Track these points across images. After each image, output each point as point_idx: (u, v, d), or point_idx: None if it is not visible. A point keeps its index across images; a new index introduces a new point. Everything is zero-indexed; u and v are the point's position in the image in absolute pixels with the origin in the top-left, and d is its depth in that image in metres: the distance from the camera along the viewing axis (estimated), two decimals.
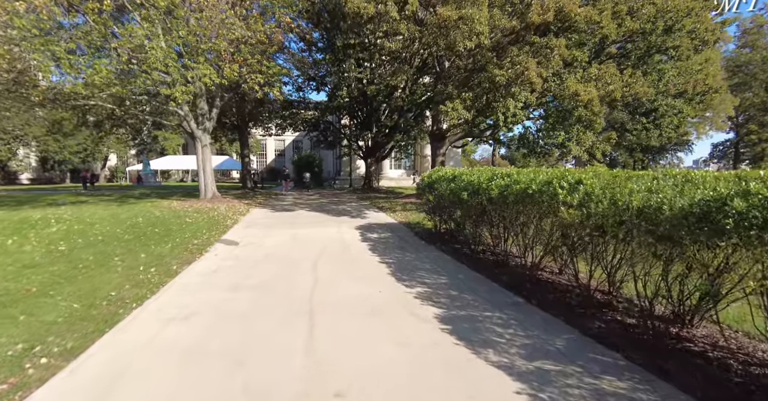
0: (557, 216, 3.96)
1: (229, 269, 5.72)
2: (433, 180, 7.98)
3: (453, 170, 7.49)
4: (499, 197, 5.04)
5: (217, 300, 4.41)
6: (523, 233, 5.26)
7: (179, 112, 13.32)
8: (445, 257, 6.66)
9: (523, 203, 4.65)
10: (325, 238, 8.24)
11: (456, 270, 5.80)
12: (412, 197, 15.88)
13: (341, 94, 24.90)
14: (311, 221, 10.54)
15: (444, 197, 7.33)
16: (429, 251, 7.15)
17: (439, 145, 16.08)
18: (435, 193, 7.84)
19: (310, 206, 14.66)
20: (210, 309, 4.14)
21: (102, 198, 16.57)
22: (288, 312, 4.07)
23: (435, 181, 7.85)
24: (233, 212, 11.67)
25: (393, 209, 12.87)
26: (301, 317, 3.92)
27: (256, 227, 9.56)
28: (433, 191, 7.98)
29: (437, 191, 7.62)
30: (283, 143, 67.77)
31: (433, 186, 7.92)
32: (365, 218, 11.41)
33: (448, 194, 6.82)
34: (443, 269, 5.82)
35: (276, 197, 19.99)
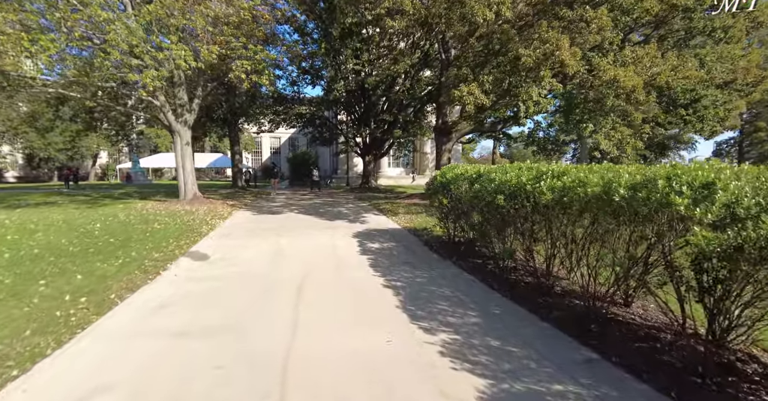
0: (673, 236, 2.53)
1: (182, 302, 4.26)
2: (447, 180, 6.55)
3: (475, 168, 6.06)
4: (555, 203, 3.62)
5: (143, 365, 2.94)
6: (584, 251, 3.83)
7: (154, 102, 11.81)
8: (467, 278, 5.24)
9: (596, 212, 3.23)
10: (316, 250, 6.80)
11: (486, 299, 4.38)
12: (415, 198, 14.45)
13: (337, 88, 23.41)
14: (301, 227, 9.08)
15: (462, 201, 5.91)
16: (445, 268, 5.73)
17: (444, 140, 14.65)
18: (450, 195, 6.41)
19: (302, 207, 13.20)
20: (125, 386, 2.69)
21: (76, 199, 15.04)
22: (247, 391, 2.63)
23: (450, 181, 6.42)
24: (213, 216, 10.20)
25: (395, 212, 11.43)
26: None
27: (235, 235, 8.10)
28: (448, 193, 6.56)
29: (454, 193, 6.20)
30: (278, 140, 66.40)
31: (448, 187, 6.49)
32: (364, 222, 9.97)
33: (470, 197, 5.39)
34: (469, 298, 4.39)
35: (266, 197, 18.51)
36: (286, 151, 62.52)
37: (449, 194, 6.52)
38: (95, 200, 14.55)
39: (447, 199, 6.58)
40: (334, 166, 43.54)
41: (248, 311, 3.99)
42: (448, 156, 14.89)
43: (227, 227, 8.87)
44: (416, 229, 8.95)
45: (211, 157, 52.32)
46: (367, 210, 12.40)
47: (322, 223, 9.73)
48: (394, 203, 13.58)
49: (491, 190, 4.67)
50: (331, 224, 9.64)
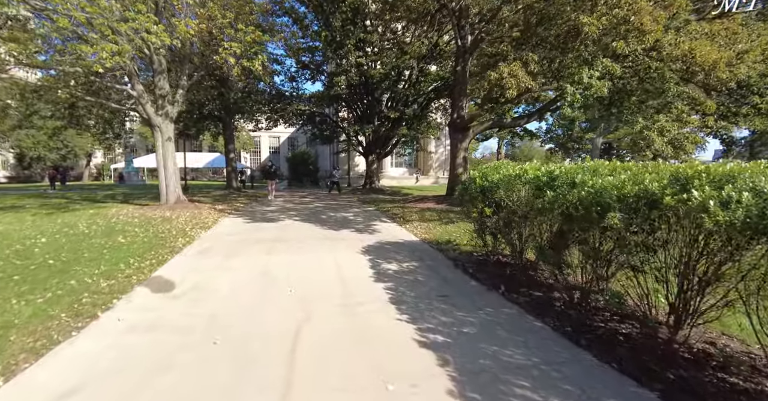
0: None
1: (104, 384, 2.68)
2: (491, 183, 4.97)
3: (536, 168, 4.49)
4: (745, 229, 2.05)
5: None
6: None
7: (130, 92, 10.23)
8: (535, 326, 3.66)
9: None
10: (317, 274, 5.22)
11: (585, 373, 2.79)
12: (428, 202, 12.87)
13: (339, 81, 21.85)
14: (298, 239, 7.50)
15: (518, 211, 4.35)
16: (496, 306, 4.15)
17: (460, 137, 13.08)
18: (495, 203, 4.85)
19: (301, 213, 11.62)
20: None
21: (49, 202, 13.46)
22: None
23: (496, 185, 4.85)
24: (194, 224, 8.63)
25: (408, 219, 9.85)
26: None
27: (216, 251, 6.51)
28: (489, 199, 5.00)
29: (502, 201, 4.63)
30: (278, 139, 64.93)
31: (491, 192, 4.93)
32: (374, 232, 8.39)
33: (538, 208, 3.83)
34: (561, 373, 2.81)
35: (262, 200, 16.92)
36: (285, 150, 61.02)
37: (492, 202, 4.96)
38: (69, 203, 12.96)
39: (489, 208, 5.00)
40: (334, 165, 41.98)
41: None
42: (464, 155, 13.32)
43: (208, 240, 7.29)
44: (438, 242, 7.37)
45: (208, 157, 50.85)
46: (375, 216, 10.82)
47: (324, 233, 8.15)
48: (405, 208, 12.00)
49: (586, 199, 3.08)
50: (336, 234, 8.05)
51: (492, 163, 5.49)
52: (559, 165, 4.14)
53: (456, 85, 13.44)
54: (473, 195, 5.33)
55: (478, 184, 5.16)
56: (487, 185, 5.03)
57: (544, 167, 4.35)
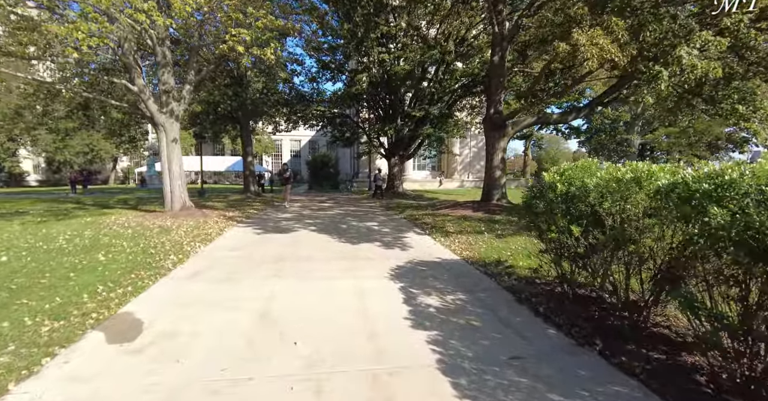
0: None
1: None
2: (580, 190, 3.48)
3: (671, 170, 2.97)
4: None
5: None
6: None
7: (129, 86, 9.21)
8: None
9: None
10: (333, 314, 3.84)
11: None
12: (462, 209, 11.34)
13: (360, 79, 20.64)
14: (312, 258, 6.17)
15: (625, 232, 2.85)
16: (602, 379, 2.67)
17: (497, 136, 11.53)
18: (587, 217, 3.36)
19: (319, 221, 10.33)
20: None
21: (56, 208, 12.71)
22: None
23: (586, 193, 3.36)
24: (195, 236, 7.43)
25: (443, 229, 8.38)
26: None
27: (210, 273, 5.23)
28: (577, 213, 3.52)
29: (599, 215, 3.14)
30: (299, 143, 64.70)
31: (580, 202, 3.45)
32: (404, 247, 6.97)
33: (695, 232, 2.33)
34: None
35: (278, 205, 15.78)
36: (306, 154, 60.60)
37: (581, 217, 3.48)
38: (76, 209, 12.14)
39: (577, 226, 3.50)
40: (355, 169, 40.82)
41: None
42: (503, 156, 11.75)
43: (205, 258, 6.04)
44: (485, 263, 5.89)
45: (231, 160, 50.76)
46: (404, 226, 9.40)
47: (343, 249, 6.78)
48: (437, 216, 10.52)
49: None
50: (357, 250, 6.68)
51: (578, 162, 3.99)
52: (714, 167, 2.61)
53: (492, 77, 11.91)
54: (550, 205, 3.83)
55: (561, 190, 3.67)
56: (576, 193, 3.53)
57: (685, 169, 2.83)
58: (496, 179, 11.60)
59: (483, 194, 12.04)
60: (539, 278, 5.15)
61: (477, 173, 39.12)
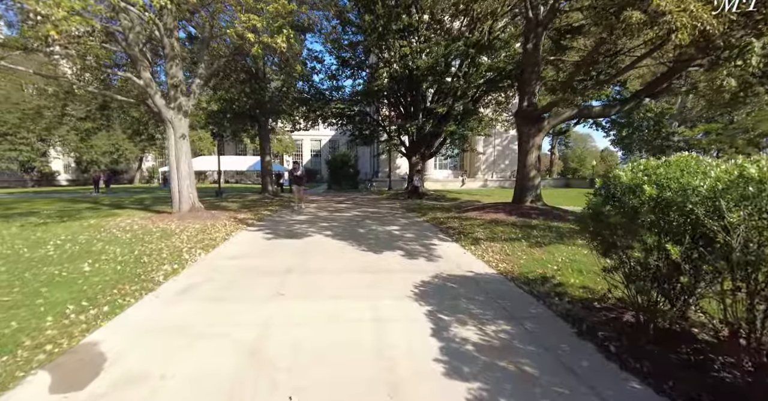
0: None
1: None
2: (679, 194, 2.51)
3: None
4: None
5: None
6: None
7: (135, 80, 8.66)
8: None
9: None
10: (343, 352, 2.99)
11: None
12: (492, 211, 10.31)
13: (381, 74, 19.84)
14: (323, 270, 5.35)
15: None
16: None
17: (532, 131, 10.44)
18: (690, 230, 2.39)
19: (336, 224, 9.54)
20: None
21: (67, 209, 12.44)
22: None
23: (699, 195, 2.39)
24: (198, 241, 6.76)
25: (472, 235, 7.43)
26: None
27: (204, 289, 4.48)
28: (673, 226, 2.55)
29: (718, 228, 2.17)
30: (319, 142, 64.71)
31: (683, 209, 2.48)
32: (430, 258, 6.07)
33: None
34: None
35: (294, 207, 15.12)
36: (326, 153, 60.41)
37: (675, 231, 2.51)
38: (87, 210, 11.80)
39: (677, 244, 2.53)
40: (374, 168, 40.10)
41: None
42: (538, 154, 10.65)
43: (203, 268, 5.31)
44: (528, 279, 4.93)
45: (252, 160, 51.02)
46: (428, 231, 8.48)
47: (360, 259, 5.94)
48: (464, 219, 9.55)
49: None
50: (376, 261, 5.82)
51: (672, 157, 3.01)
52: None
53: (525, 66, 10.83)
54: (633, 217, 2.86)
55: (648, 195, 2.69)
56: (673, 199, 2.56)
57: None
58: (530, 179, 10.52)
59: (515, 196, 10.98)
60: (599, 302, 4.17)
61: (501, 172, 37.69)
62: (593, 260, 5.65)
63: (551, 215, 9.35)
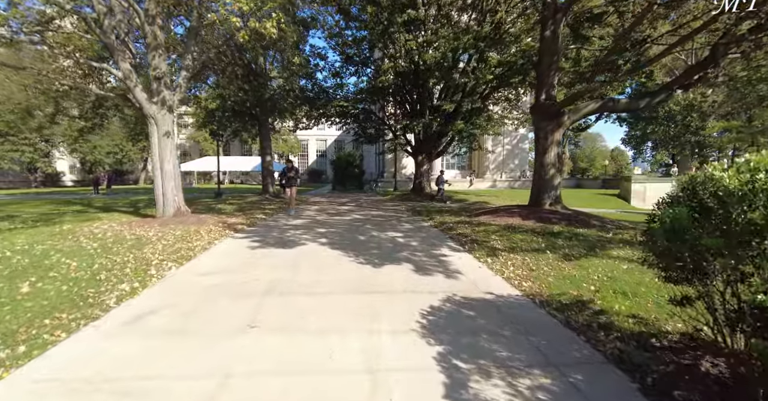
0: None
1: None
2: None
3: None
4: None
5: None
6: None
7: (112, 71, 7.87)
8: None
9: None
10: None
11: None
12: (506, 215, 9.31)
13: (385, 69, 18.96)
14: (312, 290, 4.46)
15: None
16: None
17: (550, 126, 9.46)
18: None
19: (333, 230, 8.65)
20: None
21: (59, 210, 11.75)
22: None
23: None
24: (173, 252, 5.91)
25: (487, 244, 6.49)
26: None
27: (159, 319, 3.59)
28: None
29: None
30: (324, 142, 64.05)
31: None
32: (439, 272, 5.14)
33: None
34: None
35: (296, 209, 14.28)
36: (332, 154, 59.81)
37: None
38: (70, 213, 11.06)
39: None
40: (380, 168, 39.24)
41: None
42: (557, 152, 9.66)
43: (168, 288, 4.45)
44: (561, 302, 3.99)
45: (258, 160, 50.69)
46: (435, 237, 7.56)
47: (357, 275, 5.04)
48: (476, 225, 8.58)
49: None
50: (375, 277, 4.91)
51: None
52: None
53: (543, 55, 9.85)
54: (744, 237, 1.92)
55: None
56: None
57: None
58: (549, 180, 9.53)
59: (531, 198, 10.00)
60: (658, 338, 3.23)
61: (511, 172, 36.58)
62: (636, 277, 4.72)
63: (574, 220, 8.38)
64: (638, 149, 55.05)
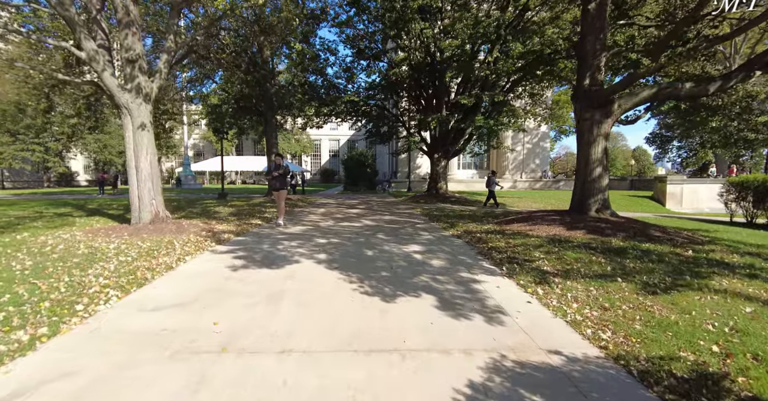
0: None
1: None
2: None
3: None
4: None
5: None
6: None
7: (74, 51, 6.61)
8: None
9: None
10: None
11: None
12: (541, 223, 7.69)
13: (399, 61, 17.53)
14: (287, 346, 3.05)
15: None
16: None
17: (596, 117, 7.86)
18: None
19: (337, 241, 7.25)
20: None
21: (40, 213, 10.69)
22: None
23: None
24: (125, 273, 4.59)
25: (530, 263, 4.98)
26: None
27: None
28: None
29: None
30: (337, 142, 63.07)
31: None
32: (476, 313, 3.67)
33: None
34: None
35: (299, 212, 13.01)
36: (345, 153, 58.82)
37: None
38: (52, 217, 9.95)
39: None
40: (393, 168, 37.77)
41: None
42: (605, 146, 8.03)
43: (83, 338, 3.10)
44: (673, 374, 2.46)
45: None
46: (461, 253, 6.07)
47: (360, 313, 3.60)
48: (508, 235, 7.04)
49: None
50: (384, 320, 3.47)
51: None
52: None
53: (586, 35, 8.24)
54: None
55: None
56: None
57: None
58: (595, 180, 7.92)
59: (573, 202, 8.41)
60: None
61: (531, 172, 34.68)
62: None
63: (632, 230, 6.77)
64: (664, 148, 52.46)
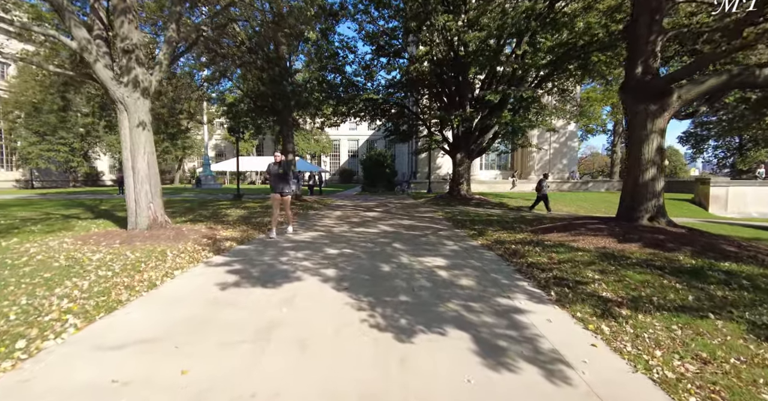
0: None
1: None
2: None
3: None
4: None
5: None
6: None
7: (63, 41, 6.03)
8: None
9: None
10: None
11: None
12: (585, 232, 6.61)
13: (419, 55, 16.64)
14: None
15: None
16: None
17: (651, 109, 6.76)
18: None
19: (349, 251, 6.42)
20: None
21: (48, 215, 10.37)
22: None
23: None
24: (99, 292, 3.89)
25: (584, 286, 4.03)
26: None
27: None
28: None
29: None
30: (357, 142, 62.64)
31: None
32: (537, 366, 2.74)
33: None
34: None
35: (313, 215, 12.30)
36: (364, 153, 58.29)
37: None
38: (53, 219, 9.56)
39: None
40: (413, 168, 36.80)
41: None
42: (660, 144, 6.92)
43: (17, 389, 2.37)
44: None
45: None
46: (494, 270, 5.13)
47: (371, 360, 2.75)
48: (548, 247, 6.05)
49: None
50: (403, 375, 2.61)
51: None
52: None
53: (639, 15, 7.15)
54: None
55: None
56: None
57: None
58: (648, 183, 6.82)
59: (622, 208, 7.32)
60: None
61: (558, 173, 33.10)
62: None
63: (701, 245, 5.67)
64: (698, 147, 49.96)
